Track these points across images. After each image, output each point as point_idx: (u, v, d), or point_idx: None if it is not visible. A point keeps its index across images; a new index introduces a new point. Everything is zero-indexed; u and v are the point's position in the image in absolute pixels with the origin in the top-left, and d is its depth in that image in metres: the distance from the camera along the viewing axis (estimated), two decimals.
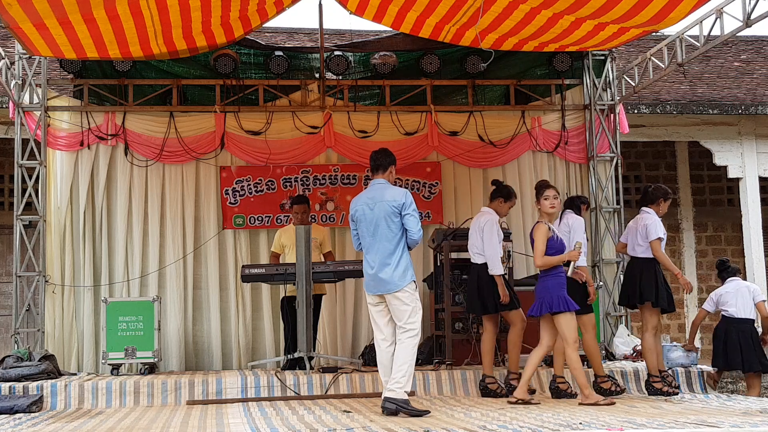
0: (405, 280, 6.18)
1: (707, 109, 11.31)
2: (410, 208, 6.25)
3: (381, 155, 6.47)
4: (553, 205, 6.88)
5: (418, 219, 6.32)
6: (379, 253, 6.23)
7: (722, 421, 5.31)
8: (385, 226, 6.24)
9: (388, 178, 6.44)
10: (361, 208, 6.38)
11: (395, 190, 6.33)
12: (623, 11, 7.46)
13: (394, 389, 5.99)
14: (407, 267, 6.22)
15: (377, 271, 6.21)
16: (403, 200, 6.23)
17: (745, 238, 11.44)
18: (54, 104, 9.60)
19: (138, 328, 8.41)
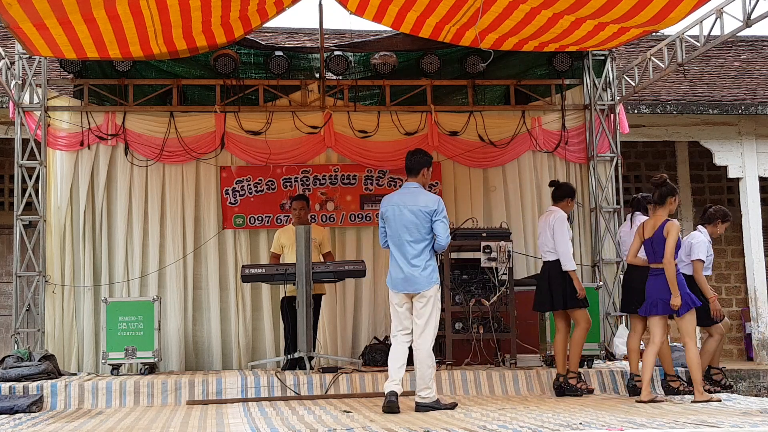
0: (431, 282, 6.40)
1: (707, 109, 11.31)
2: (441, 214, 6.45)
3: (414, 159, 6.63)
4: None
5: (447, 225, 6.51)
6: (407, 254, 6.47)
7: (722, 421, 5.31)
8: (415, 230, 6.45)
9: (422, 182, 6.62)
10: (392, 208, 6.55)
11: (428, 197, 6.54)
12: (623, 11, 7.46)
13: (427, 396, 6.30)
14: (433, 270, 6.46)
15: (405, 272, 6.46)
16: (436, 207, 6.45)
17: (745, 238, 11.44)
18: (54, 104, 9.60)
19: (138, 328, 8.41)
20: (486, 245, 8.22)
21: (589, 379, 7.83)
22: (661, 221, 6.85)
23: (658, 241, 6.82)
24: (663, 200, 6.91)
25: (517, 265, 9.16)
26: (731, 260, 13.14)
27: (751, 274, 11.30)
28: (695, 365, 6.73)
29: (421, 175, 6.60)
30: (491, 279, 8.18)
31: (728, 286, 13.15)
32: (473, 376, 7.76)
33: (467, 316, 8.23)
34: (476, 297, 8.28)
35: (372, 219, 9.87)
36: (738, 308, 13.02)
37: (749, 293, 11.49)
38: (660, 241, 6.79)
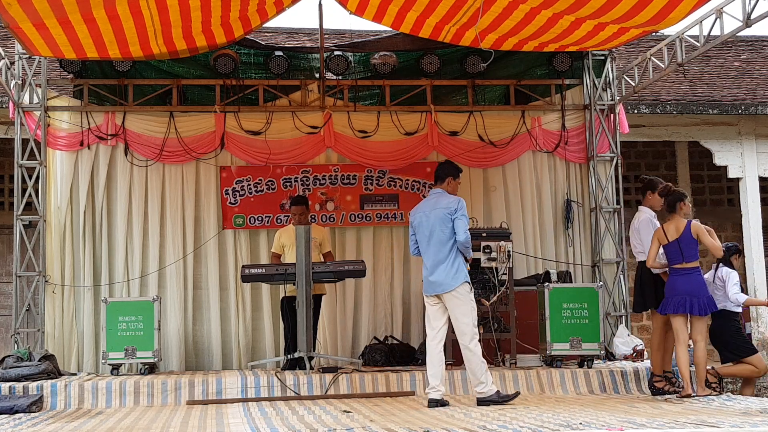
0: (457, 281, 6.56)
1: (707, 109, 11.31)
2: (459, 212, 6.64)
3: (441, 168, 7.02)
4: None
5: (466, 223, 6.67)
6: (433, 256, 6.68)
7: (722, 421, 5.31)
8: (439, 231, 6.66)
9: (446, 189, 6.87)
10: (418, 216, 6.84)
11: (449, 198, 6.76)
12: (623, 11, 7.46)
13: (483, 391, 6.53)
14: (459, 269, 6.61)
15: (432, 273, 6.69)
16: (455, 206, 6.66)
17: (745, 238, 11.43)
18: (54, 104, 9.60)
19: (138, 328, 8.40)
20: (486, 245, 8.22)
21: (588, 379, 7.84)
22: (683, 224, 7.20)
23: (686, 243, 7.17)
24: (673, 208, 7.31)
25: (517, 265, 9.17)
26: None
27: (751, 274, 11.29)
28: (701, 363, 7.04)
29: (446, 183, 6.88)
30: (491, 279, 8.18)
31: None
32: None
33: None
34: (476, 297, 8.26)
35: (372, 219, 9.88)
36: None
37: (749, 293, 11.46)
38: (688, 242, 7.15)
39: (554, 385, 7.77)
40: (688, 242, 7.14)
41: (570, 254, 10.03)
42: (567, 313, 8.32)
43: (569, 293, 8.43)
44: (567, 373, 7.86)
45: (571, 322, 8.30)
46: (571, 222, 10.04)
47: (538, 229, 10.06)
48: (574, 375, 7.86)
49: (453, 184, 6.92)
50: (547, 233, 10.07)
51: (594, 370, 7.95)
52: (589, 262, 10.05)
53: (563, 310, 8.32)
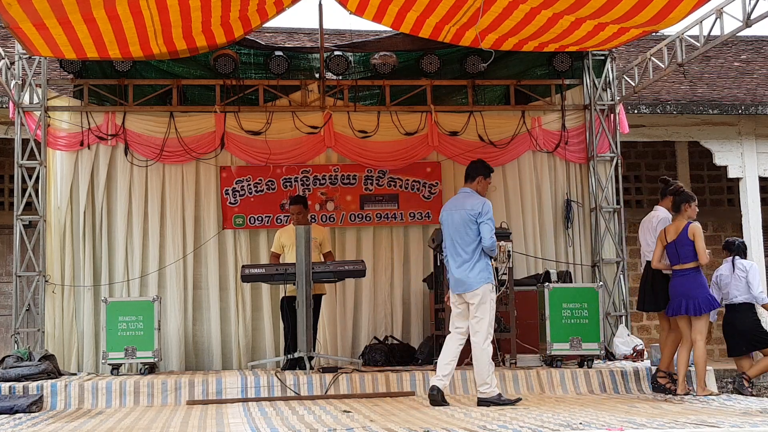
0: (480, 282, 6.61)
1: (707, 109, 11.31)
2: (485, 216, 6.65)
3: (472, 166, 6.99)
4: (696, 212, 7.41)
5: (492, 227, 6.67)
6: (457, 256, 6.72)
7: (722, 421, 5.32)
8: (463, 232, 6.70)
9: (476, 188, 6.87)
10: (446, 213, 6.89)
11: (475, 199, 6.75)
12: (623, 11, 7.46)
13: (485, 392, 6.55)
14: (483, 270, 6.64)
15: (456, 273, 6.72)
16: (480, 209, 6.66)
17: (745, 238, 11.41)
18: (54, 104, 9.60)
19: (138, 328, 8.40)
20: None
21: (588, 379, 7.84)
22: (683, 225, 7.24)
23: (681, 244, 7.22)
24: (678, 209, 7.36)
25: (517, 265, 9.16)
26: None
27: None
28: (700, 362, 7.08)
29: (476, 183, 6.87)
30: None
31: None
32: (473, 376, 7.71)
33: None
34: None
35: (372, 219, 9.88)
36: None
37: None
38: (684, 243, 7.19)
39: (554, 385, 7.77)
40: (684, 243, 7.19)
41: (570, 254, 10.03)
42: (567, 313, 8.33)
43: (569, 293, 8.43)
44: (567, 373, 7.86)
45: (571, 322, 8.30)
46: (571, 222, 10.04)
47: (538, 229, 10.06)
48: (574, 375, 7.86)
49: (483, 184, 6.92)
50: (547, 233, 10.07)
51: (594, 370, 7.95)
52: (589, 262, 10.05)
53: (563, 310, 8.32)
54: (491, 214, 6.69)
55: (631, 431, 4.93)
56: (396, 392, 7.53)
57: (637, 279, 12.87)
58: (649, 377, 7.84)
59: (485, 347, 6.58)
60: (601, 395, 7.53)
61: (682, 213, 7.30)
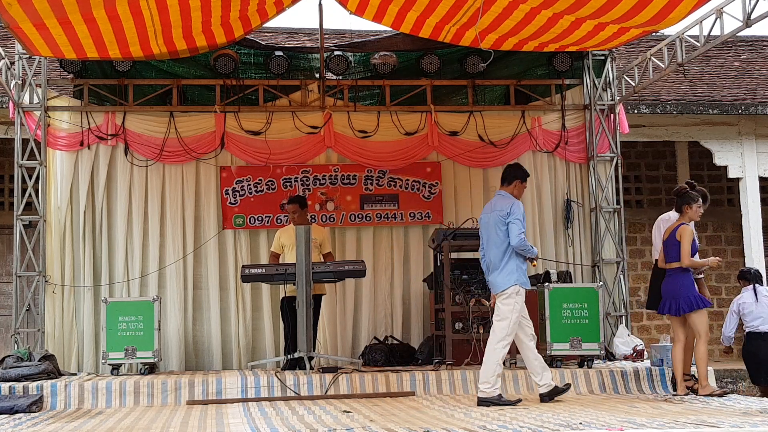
0: (507, 284, 6.70)
1: (707, 109, 11.31)
2: (513, 216, 6.71)
3: (509, 170, 7.06)
4: (701, 214, 7.39)
5: (519, 227, 6.71)
6: (490, 257, 6.84)
7: (722, 421, 5.32)
8: (494, 233, 6.80)
9: (511, 191, 6.94)
10: (483, 217, 7.01)
11: (505, 200, 6.84)
12: (623, 11, 7.46)
13: (486, 391, 6.58)
14: (512, 271, 6.73)
15: (489, 274, 6.86)
16: (508, 210, 6.73)
17: (745, 238, 11.44)
18: (54, 104, 9.60)
19: (138, 328, 8.40)
20: None
21: (588, 379, 7.84)
22: (675, 225, 7.28)
23: (670, 244, 7.26)
24: (679, 209, 7.39)
25: None
26: (731, 260, 13.14)
27: None
28: (700, 361, 7.06)
29: (513, 186, 6.94)
30: None
31: (728, 286, 13.15)
32: (473, 376, 7.75)
33: (467, 316, 8.22)
34: (476, 297, 8.27)
35: (372, 219, 9.88)
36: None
37: None
38: (672, 243, 7.22)
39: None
40: (672, 243, 7.23)
41: (570, 254, 10.03)
42: (567, 313, 8.33)
43: (569, 293, 8.44)
44: (567, 373, 7.86)
45: (571, 322, 8.30)
46: (571, 222, 10.04)
47: (538, 229, 10.06)
48: (574, 375, 7.86)
49: (520, 187, 6.96)
50: (547, 233, 10.07)
51: (594, 370, 7.95)
52: (589, 262, 10.04)
53: (563, 310, 8.33)
54: (519, 214, 6.71)
55: (631, 431, 4.93)
56: (396, 392, 7.54)
57: (636, 279, 12.95)
58: (649, 377, 7.84)
59: (497, 347, 6.62)
60: (601, 395, 7.53)
61: (684, 214, 7.32)
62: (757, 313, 8.60)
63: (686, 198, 7.34)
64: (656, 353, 8.17)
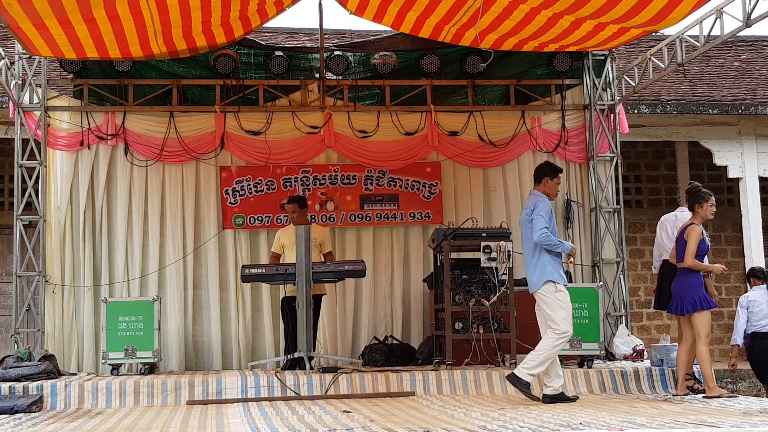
0: (540, 281, 6.73)
1: (707, 109, 11.31)
2: (535, 212, 6.74)
3: (537, 169, 7.12)
4: (714, 213, 7.35)
5: (541, 223, 6.71)
6: (525, 255, 6.92)
7: (722, 421, 5.31)
8: (524, 232, 6.89)
9: (542, 190, 6.96)
10: (520, 217, 7.04)
11: (532, 198, 6.92)
12: (623, 11, 7.46)
13: (521, 368, 6.67)
14: (544, 268, 6.74)
15: (526, 273, 6.90)
16: (532, 207, 6.78)
17: (745, 238, 11.44)
18: (54, 104, 9.60)
19: (138, 328, 8.40)
20: (486, 245, 8.20)
21: (588, 379, 7.84)
22: (686, 225, 7.27)
23: (679, 242, 7.27)
24: (691, 208, 7.35)
25: (517, 265, 9.15)
26: (731, 260, 13.15)
27: None
28: (702, 362, 7.04)
29: (543, 184, 6.95)
30: (491, 279, 8.17)
31: (728, 286, 13.16)
32: (473, 376, 7.76)
33: (467, 316, 8.22)
34: (476, 297, 8.26)
35: (372, 219, 9.88)
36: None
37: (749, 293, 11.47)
38: (681, 243, 7.22)
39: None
40: (681, 243, 7.22)
41: None
42: None
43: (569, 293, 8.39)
44: (567, 373, 7.84)
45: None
46: (571, 222, 10.04)
47: None
48: (574, 375, 7.86)
49: (550, 184, 6.95)
50: None
51: (594, 370, 7.95)
52: (589, 262, 10.04)
53: None
54: (541, 210, 6.71)
55: (631, 431, 4.92)
56: (396, 392, 7.53)
57: (636, 279, 12.96)
58: (649, 377, 7.84)
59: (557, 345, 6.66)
60: (601, 395, 7.53)
61: (696, 213, 7.27)
62: (765, 313, 8.57)
63: (698, 197, 7.27)
64: (656, 353, 8.18)
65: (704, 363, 7.04)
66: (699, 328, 7.08)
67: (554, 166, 7.15)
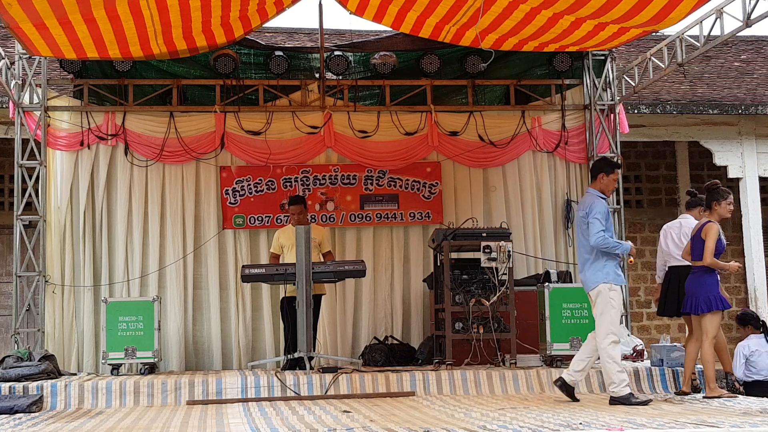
0: (596, 282, 6.64)
1: (707, 109, 11.31)
2: (591, 215, 6.65)
3: (595, 164, 7.01)
4: (731, 211, 7.30)
5: (597, 225, 6.60)
6: (580, 255, 6.87)
7: (722, 421, 5.31)
8: (580, 232, 6.83)
9: (598, 187, 6.83)
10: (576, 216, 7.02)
11: (587, 198, 6.82)
12: (623, 11, 7.47)
13: (611, 390, 6.59)
14: (598, 270, 6.64)
15: (581, 272, 6.86)
16: (588, 209, 6.69)
17: (745, 238, 11.44)
18: (54, 104, 9.60)
19: (138, 328, 8.40)
20: (486, 245, 8.21)
21: (588, 379, 7.84)
22: (702, 223, 7.20)
23: (695, 240, 7.20)
24: (708, 206, 7.28)
25: (517, 265, 9.17)
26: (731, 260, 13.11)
27: (751, 274, 11.30)
28: (706, 362, 7.02)
29: (598, 181, 6.82)
30: (491, 279, 8.17)
31: (728, 286, 13.14)
32: (473, 376, 7.75)
33: (467, 316, 8.22)
34: (476, 297, 8.26)
35: (372, 219, 9.88)
36: (738, 308, 13.00)
37: (749, 293, 11.50)
38: (697, 241, 7.15)
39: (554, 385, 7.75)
40: (697, 241, 7.14)
41: (570, 254, 10.02)
42: (567, 313, 8.33)
43: (569, 293, 8.43)
44: None
45: (571, 322, 8.30)
46: (571, 222, 10.04)
47: (538, 229, 10.06)
48: None
49: (606, 181, 6.80)
50: (547, 233, 10.07)
51: (594, 370, 7.93)
52: None
53: (563, 310, 8.32)
54: (597, 212, 6.60)
55: (631, 431, 4.92)
56: (396, 392, 7.53)
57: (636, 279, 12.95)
58: (649, 377, 7.84)
59: (604, 347, 6.56)
60: (601, 395, 7.51)
61: (713, 211, 7.19)
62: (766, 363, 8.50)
63: (716, 194, 7.19)
64: (656, 353, 8.18)
65: (708, 364, 7.02)
66: (708, 328, 7.04)
67: (611, 161, 6.97)
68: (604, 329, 6.58)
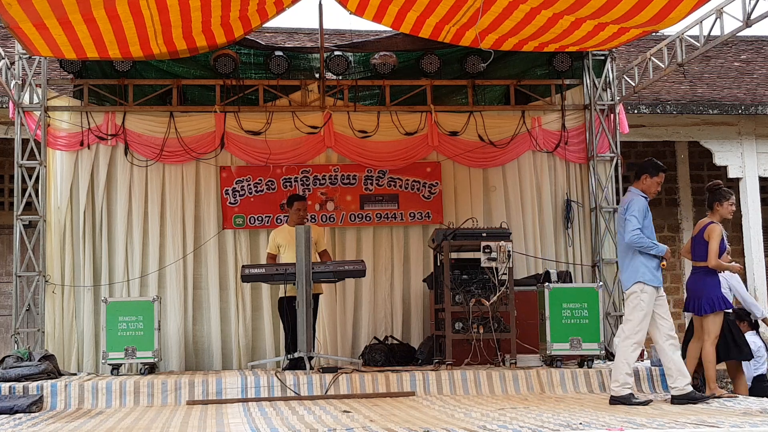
0: (630, 281, 6.65)
1: (707, 109, 11.31)
2: (628, 212, 6.66)
3: (640, 165, 7.01)
4: (733, 212, 7.33)
5: (635, 223, 6.60)
6: (620, 254, 6.94)
7: (722, 421, 5.32)
8: (619, 231, 6.89)
9: (640, 187, 6.84)
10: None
11: (628, 196, 6.84)
12: (623, 11, 7.47)
13: (613, 388, 6.61)
14: (636, 269, 6.62)
15: (620, 272, 7.01)
16: (626, 206, 6.73)
17: (745, 238, 11.44)
18: (54, 104, 9.60)
19: (138, 328, 8.39)
20: (486, 245, 8.21)
21: (588, 379, 7.84)
22: (704, 223, 7.21)
23: (697, 241, 7.21)
24: (710, 206, 7.28)
25: (517, 265, 9.17)
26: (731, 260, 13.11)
27: (751, 274, 11.29)
28: (706, 362, 7.04)
29: (642, 181, 6.83)
30: (491, 279, 8.17)
31: None
32: (473, 376, 7.75)
33: (467, 316, 8.22)
34: (476, 297, 8.27)
35: (372, 219, 9.88)
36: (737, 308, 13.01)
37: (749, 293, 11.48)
38: (699, 241, 7.16)
39: (554, 385, 7.77)
40: (699, 241, 7.15)
41: (570, 254, 10.03)
42: (567, 313, 8.32)
43: (569, 293, 8.43)
44: (567, 373, 7.86)
45: (571, 322, 8.30)
46: (571, 222, 10.04)
47: (538, 229, 10.06)
48: (574, 375, 7.86)
49: (649, 182, 6.79)
50: (547, 233, 10.07)
51: (594, 370, 7.95)
52: (589, 262, 10.04)
53: (563, 310, 8.32)
54: (634, 210, 6.59)
55: (631, 431, 4.93)
56: (396, 392, 7.53)
57: None
58: (649, 377, 7.84)
59: (623, 345, 6.59)
60: (601, 395, 7.52)
61: (715, 211, 7.20)
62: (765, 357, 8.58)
63: (718, 194, 7.19)
64: (656, 353, 8.16)
65: (709, 364, 7.03)
66: (710, 328, 7.05)
67: (657, 164, 6.88)
68: (629, 330, 6.61)
